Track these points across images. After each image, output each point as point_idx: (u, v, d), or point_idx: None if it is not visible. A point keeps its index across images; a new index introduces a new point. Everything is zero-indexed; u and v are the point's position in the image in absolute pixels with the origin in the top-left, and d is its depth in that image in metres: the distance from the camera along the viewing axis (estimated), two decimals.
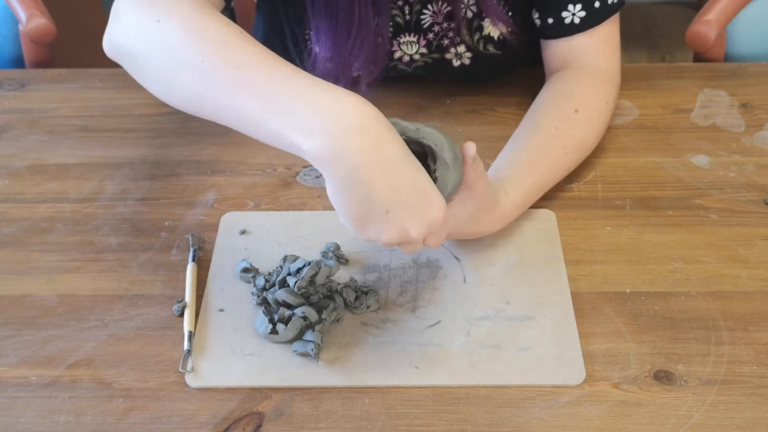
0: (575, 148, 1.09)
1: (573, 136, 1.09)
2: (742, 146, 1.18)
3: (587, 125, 1.12)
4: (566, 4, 1.16)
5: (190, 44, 0.87)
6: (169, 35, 0.88)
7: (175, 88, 0.89)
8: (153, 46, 0.90)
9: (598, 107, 1.14)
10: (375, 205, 0.83)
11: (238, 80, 0.84)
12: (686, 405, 0.86)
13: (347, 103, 0.82)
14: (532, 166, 1.05)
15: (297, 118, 0.82)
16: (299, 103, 0.82)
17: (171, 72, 0.88)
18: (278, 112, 0.83)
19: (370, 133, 0.81)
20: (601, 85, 1.15)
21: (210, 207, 1.10)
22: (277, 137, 0.83)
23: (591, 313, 0.95)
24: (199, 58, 0.86)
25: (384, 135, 0.82)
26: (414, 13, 1.18)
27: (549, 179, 1.07)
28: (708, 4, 1.38)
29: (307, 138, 0.81)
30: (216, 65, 0.85)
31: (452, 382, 0.89)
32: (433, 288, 0.98)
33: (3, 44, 1.47)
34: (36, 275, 1.02)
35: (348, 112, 0.81)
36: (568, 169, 1.10)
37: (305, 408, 0.87)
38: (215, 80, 0.85)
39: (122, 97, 1.28)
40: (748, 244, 1.03)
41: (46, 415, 0.87)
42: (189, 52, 0.87)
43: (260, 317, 0.94)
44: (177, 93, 0.90)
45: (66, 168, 1.17)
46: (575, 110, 1.11)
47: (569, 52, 1.18)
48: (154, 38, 0.89)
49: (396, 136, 0.83)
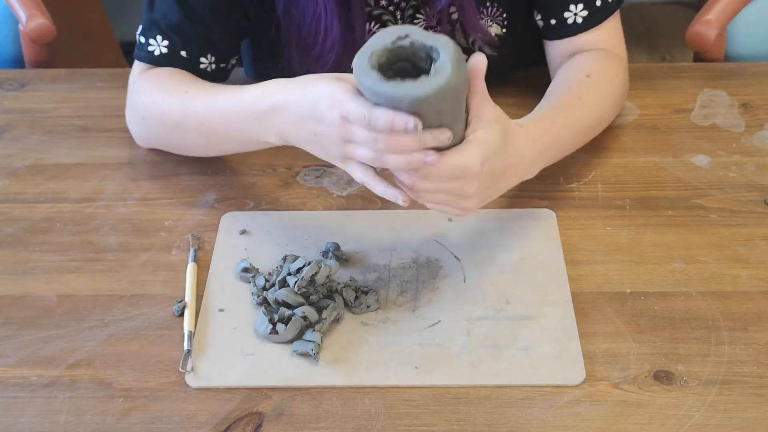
0: (593, 103, 1.10)
1: (588, 91, 1.10)
2: (742, 146, 1.17)
3: (599, 89, 1.12)
4: (568, 5, 1.15)
5: (169, 114, 1.10)
6: (156, 118, 1.12)
7: (193, 145, 1.12)
8: (157, 133, 1.14)
9: (608, 75, 1.14)
10: (309, 142, 0.95)
11: (214, 109, 1.05)
12: (686, 405, 0.86)
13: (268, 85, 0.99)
14: (545, 113, 1.06)
15: (252, 113, 1.00)
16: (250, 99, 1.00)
17: (180, 138, 1.12)
18: (247, 119, 1.01)
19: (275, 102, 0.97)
20: (608, 62, 1.16)
21: (210, 207, 1.10)
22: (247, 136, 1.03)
23: (591, 313, 0.95)
24: (181, 117, 1.09)
25: (285, 94, 0.96)
26: (407, 18, 1.18)
27: (567, 125, 1.06)
28: (708, 4, 1.38)
29: (267, 136, 1.00)
30: (197, 111, 1.07)
31: (452, 382, 0.89)
32: (433, 288, 0.98)
33: (3, 44, 1.47)
34: (36, 275, 1.02)
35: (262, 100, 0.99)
36: (587, 126, 1.09)
37: (305, 408, 0.87)
38: (207, 120, 1.06)
39: (122, 97, 1.27)
40: (748, 244, 1.03)
41: (46, 415, 0.87)
42: (172, 119, 1.10)
43: (260, 317, 0.94)
44: (199, 148, 1.13)
45: (66, 168, 1.17)
46: (587, 75, 1.12)
47: (576, 47, 1.18)
48: (150, 129, 1.14)
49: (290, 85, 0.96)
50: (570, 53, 1.19)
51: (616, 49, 1.19)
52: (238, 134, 1.03)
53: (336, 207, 1.10)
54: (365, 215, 1.08)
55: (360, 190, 1.12)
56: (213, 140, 1.08)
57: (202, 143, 1.10)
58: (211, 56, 1.15)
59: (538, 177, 1.09)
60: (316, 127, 0.92)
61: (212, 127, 1.05)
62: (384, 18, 1.18)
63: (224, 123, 1.03)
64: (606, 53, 1.17)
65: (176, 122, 1.09)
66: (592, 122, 1.11)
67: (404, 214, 1.08)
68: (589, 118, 1.10)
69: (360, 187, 1.12)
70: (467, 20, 1.16)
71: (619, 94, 1.16)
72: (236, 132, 1.03)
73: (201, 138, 1.08)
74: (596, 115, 1.11)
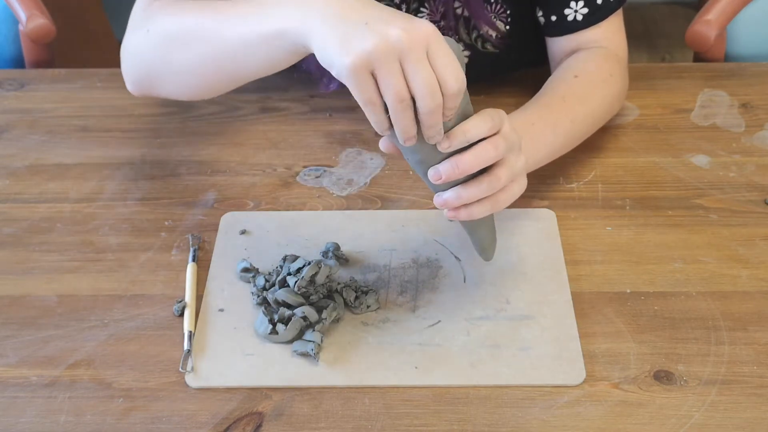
0: (577, 102, 1.09)
1: (573, 92, 1.10)
2: (742, 146, 1.18)
3: (588, 86, 1.12)
4: (568, 1, 1.16)
5: (180, 23, 0.98)
6: (161, 31, 1.00)
7: (192, 66, 0.99)
8: (157, 48, 1.01)
9: (600, 75, 1.14)
10: (353, 23, 0.81)
11: (225, 16, 0.94)
12: (686, 405, 0.86)
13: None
14: (525, 110, 1.05)
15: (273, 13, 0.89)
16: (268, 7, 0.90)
17: (180, 55, 0.98)
18: (262, 19, 0.89)
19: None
20: (604, 62, 1.15)
21: (210, 207, 1.10)
22: (272, 40, 0.89)
23: (591, 313, 0.95)
24: (193, 26, 0.96)
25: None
26: (411, 11, 1.18)
27: (549, 123, 1.05)
28: (708, 4, 1.38)
29: (285, 16, 0.87)
30: (205, 22, 0.95)
31: (452, 382, 0.89)
32: (433, 288, 0.98)
33: (3, 44, 1.47)
34: (36, 275, 1.02)
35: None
36: (570, 125, 1.08)
37: (305, 408, 0.87)
38: (211, 31, 0.94)
39: (122, 97, 1.28)
40: (748, 244, 1.03)
41: (46, 415, 0.87)
42: (182, 28, 0.98)
43: (260, 317, 0.94)
44: (197, 69, 0.99)
45: (66, 168, 1.17)
46: (574, 76, 1.12)
47: (577, 44, 1.18)
48: (154, 41, 1.01)
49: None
50: (570, 51, 1.19)
51: (616, 49, 1.19)
52: (254, 14, 0.91)
53: (336, 207, 1.10)
54: (365, 215, 1.08)
55: (360, 190, 1.12)
56: (219, 40, 0.95)
57: (205, 52, 0.97)
58: None
59: (538, 177, 1.09)
60: (394, 14, 0.82)
61: (228, 13, 0.93)
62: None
63: (243, 5, 0.92)
64: (603, 53, 1.17)
65: (186, 25, 0.98)
66: (576, 121, 1.09)
67: (404, 214, 1.08)
68: (572, 118, 1.08)
69: (360, 187, 1.12)
70: (473, 12, 1.16)
71: (613, 93, 1.15)
72: (253, 11, 0.91)
73: (206, 39, 0.96)
74: (582, 114, 1.10)
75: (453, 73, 0.81)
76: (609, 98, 1.15)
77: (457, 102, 0.83)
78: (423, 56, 0.80)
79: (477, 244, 0.96)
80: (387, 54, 0.80)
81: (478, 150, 0.87)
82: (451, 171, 0.87)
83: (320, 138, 1.21)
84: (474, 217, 0.91)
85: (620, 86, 1.17)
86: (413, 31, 0.80)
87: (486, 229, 0.95)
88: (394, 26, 0.80)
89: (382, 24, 0.80)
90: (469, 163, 0.87)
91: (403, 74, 0.81)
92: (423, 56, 0.80)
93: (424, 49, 0.80)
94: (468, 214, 0.90)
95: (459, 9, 1.18)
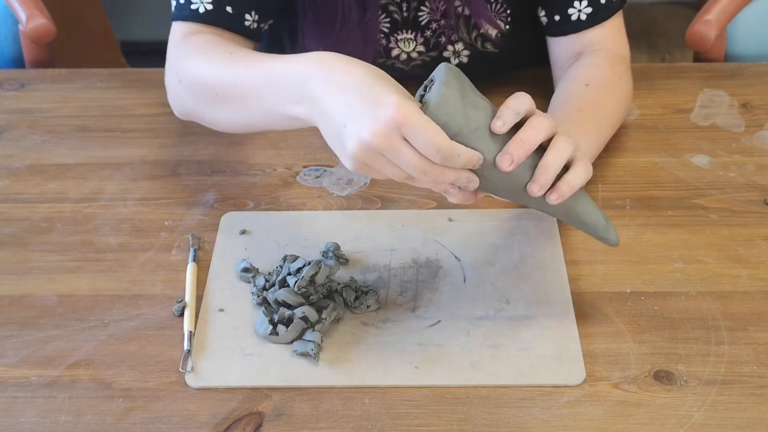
0: (593, 112, 1.09)
1: (588, 101, 1.10)
2: (742, 146, 1.18)
3: (600, 93, 1.12)
4: (572, 1, 1.16)
5: (206, 85, 1.02)
6: (190, 84, 1.05)
7: (225, 122, 1.05)
8: (190, 98, 1.06)
9: (610, 80, 1.14)
10: (337, 125, 0.86)
11: (242, 89, 0.97)
12: (686, 405, 0.86)
13: (305, 59, 0.91)
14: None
15: (282, 90, 0.93)
16: (276, 76, 0.93)
17: (213, 112, 1.04)
18: (275, 100, 0.93)
19: (324, 65, 0.89)
20: (610, 65, 1.16)
21: (210, 207, 1.10)
22: (277, 114, 0.94)
23: (591, 313, 0.95)
24: (219, 91, 1.01)
25: (337, 62, 0.88)
26: (412, 9, 1.18)
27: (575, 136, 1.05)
28: (708, 4, 1.39)
29: (295, 105, 0.91)
30: (231, 90, 0.99)
31: (452, 382, 0.89)
32: (433, 288, 0.98)
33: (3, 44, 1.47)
34: (36, 275, 1.02)
35: (306, 62, 0.91)
36: (596, 127, 1.08)
37: (305, 408, 0.87)
38: (236, 99, 0.99)
39: (122, 97, 1.28)
40: (748, 244, 1.03)
41: (46, 415, 0.87)
42: (210, 90, 1.02)
43: (260, 318, 0.94)
44: (229, 125, 1.05)
45: (66, 168, 1.17)
46: (585, 84, 1.12)
47: (581, 45, 1.18)
48: (187, 92, 1.06)
49: (353, 62, 0.88)
50: (573, 51, 1.19)
51: (620, 49, 1.19)
52: (271, 97, 0.94)
53: (336, 207, 1.10)
54: (365, 215, 1.08)
55: (360, 190, 1.12)
56: (245, 107, 0.99)
57: (234, 111, 1.01)
58: (255, 14, 1.13)
59: None
60: (363, 107, 0.85)
61: (247, 88, 0.97)
62: (390, 9, 1.18)
63: (260, 85, 0.96)
64: (608, 55, 1.17)
65: (212, 85, 1.02)
66: (600, 128, 1.10)
67: (404, 214, 1.08)
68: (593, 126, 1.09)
69: (360, 187, 1.12)
70: (474, 10, 1.16)
71: (625, 95, 1.16)
72: (269, 95, 0.94)
73: (234, 103, 1.00)
74: (602, 120, 1.10)
75: (433, 148, 0.83)
76: (622, 100, 1.15)
77: (454, 163, 0.84)
78: (399, 144, 0.83)
79: (592, 229, 0.92)
80: (369, 153, 0.84)
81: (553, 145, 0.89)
82: (520, 152, 0.88)
83: (320, 138, 1.19)
84: (566, 194, 0.88)
85: (629, 87, 1.17)
86: (379, 128, 0.83)
87: (589, 206, 0.91)
88: (364, 128, 0.84)
89: (355, 124, 0.85)
90: (530, 139, 0.90)
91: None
92: (399, 144, 0.83)
93: (399, 136, 0.83)
94: (559, 195, 0.88)
95: (460, 7, 1.18)
